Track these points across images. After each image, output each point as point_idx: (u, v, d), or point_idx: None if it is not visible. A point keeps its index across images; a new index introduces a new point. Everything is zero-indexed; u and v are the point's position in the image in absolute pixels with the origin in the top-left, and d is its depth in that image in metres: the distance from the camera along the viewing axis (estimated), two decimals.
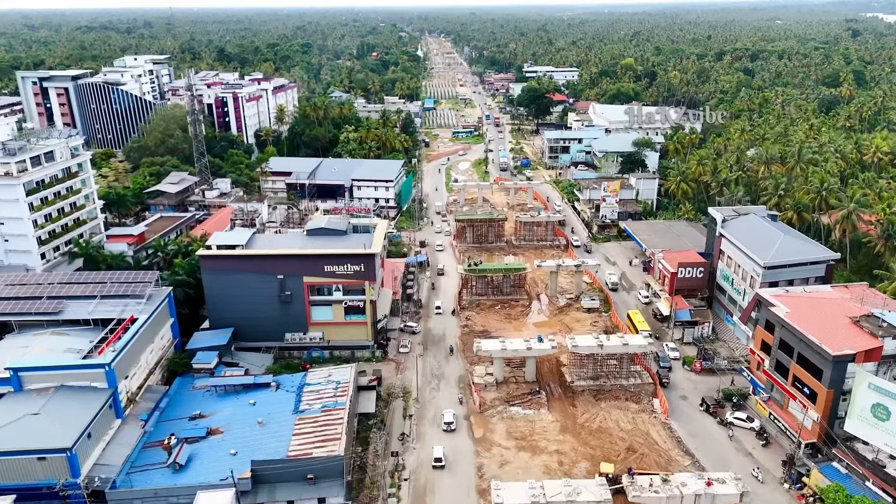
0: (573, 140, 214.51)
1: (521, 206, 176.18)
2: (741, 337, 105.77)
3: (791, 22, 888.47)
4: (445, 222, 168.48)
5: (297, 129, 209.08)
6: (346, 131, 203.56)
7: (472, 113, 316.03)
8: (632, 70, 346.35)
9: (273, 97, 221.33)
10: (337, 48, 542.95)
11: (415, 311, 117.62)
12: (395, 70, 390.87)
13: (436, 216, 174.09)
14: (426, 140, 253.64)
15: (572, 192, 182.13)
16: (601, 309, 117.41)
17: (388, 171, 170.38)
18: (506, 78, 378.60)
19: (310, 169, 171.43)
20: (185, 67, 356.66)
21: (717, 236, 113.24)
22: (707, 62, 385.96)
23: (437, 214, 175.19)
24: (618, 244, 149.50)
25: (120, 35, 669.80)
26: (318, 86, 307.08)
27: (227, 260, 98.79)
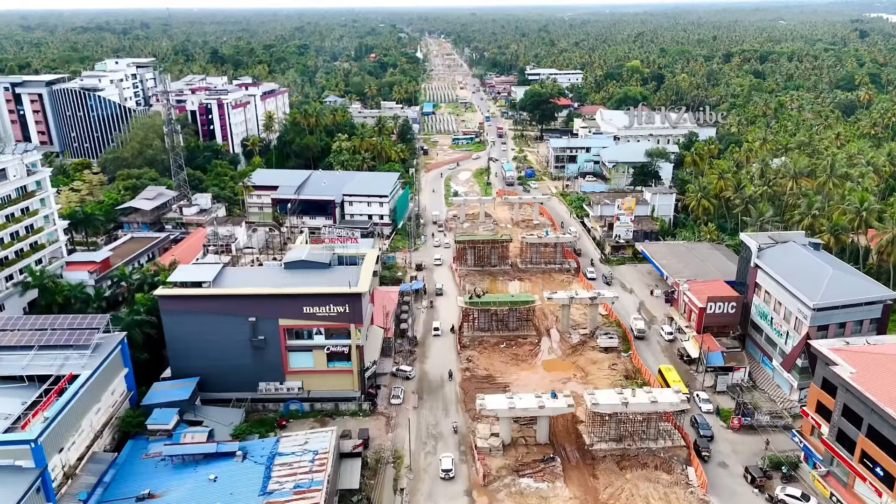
0: (580, 149, 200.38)
1: (527, 222, 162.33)
2: (783, 385, 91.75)
3: (795, 22, 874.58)
4: (442, 232, 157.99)
5: (286, 137, 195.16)
6: (339, 140, 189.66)
7: (473, 118, 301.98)
8: (638, 73, 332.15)
9: (262, 103, 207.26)
10: (335, 49, 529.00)
11: (409, 350, 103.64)
12: (394, 72, 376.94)
13: (433, 225, 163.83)
14: (425, 147, 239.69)
15: (581, 206, 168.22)
16: (620, 348, 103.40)
17: (383, 185, 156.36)
18: (507, 80, 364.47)
19: (297, 183, 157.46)
20: (176, 70, 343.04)
21: (752, 267, 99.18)
22: (715, 64, 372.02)
23: (435, 224, 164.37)
24: (633, 267, 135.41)
25: (115, 36, 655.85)
26: (312, 90, 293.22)
27: (191, 301, 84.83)
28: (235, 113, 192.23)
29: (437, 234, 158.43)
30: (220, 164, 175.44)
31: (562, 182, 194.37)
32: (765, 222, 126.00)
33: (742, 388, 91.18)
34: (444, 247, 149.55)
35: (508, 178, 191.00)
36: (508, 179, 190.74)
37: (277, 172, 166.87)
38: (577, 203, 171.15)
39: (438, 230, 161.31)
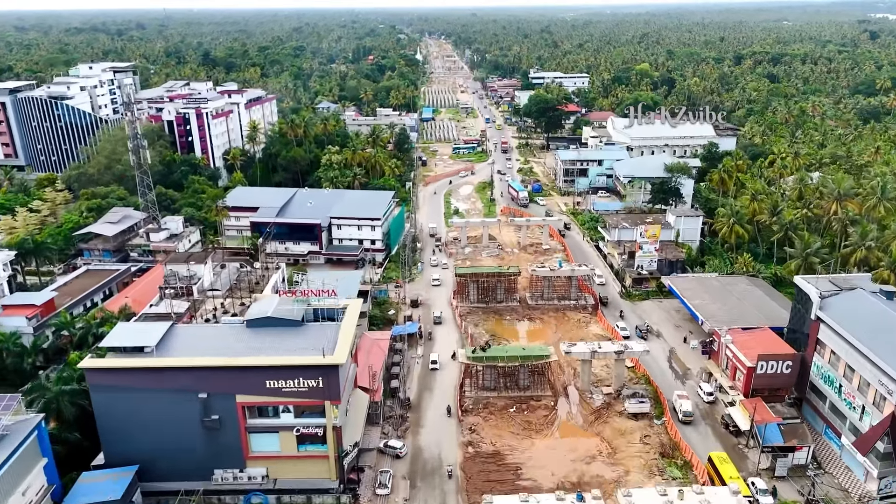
0: (592, 162, 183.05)
1: (535, 246, 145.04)
2: (855, 469, 74.52)
3: (799, 23, 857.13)
4: (439, 247, 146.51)
5: (271, 150, 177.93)
6: (329, 152, 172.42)
7: (475, 124, 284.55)
8: (648, 77, 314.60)
9: (246, 112, 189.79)
10: (332, 51, 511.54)
11: (400, 416, 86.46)
12: (392, 76, 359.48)
13: (430, 239, 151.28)
14: (423, 158, 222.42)
15: (595, 227, 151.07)
16: (651, 413, 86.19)
17: (376, 206, 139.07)
18: (510, 84, 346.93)
19: (280, 203, 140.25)
20: (163, 74, 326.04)
21: (813, 320, 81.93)
22: (726, 67, 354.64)
23: (432, 237, 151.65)
24: (658, 304, 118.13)
25: (108, 37, 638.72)
26: (305, 95, 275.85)
27: (127, 374, 67.71)
28: (216, 123, 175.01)
29: (436, 250, 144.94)
30: (197, 181, 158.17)
31: (572, 198, 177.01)
32: (810, 254, 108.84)
33: (811, 477, 73.72)
34: (441, 267, 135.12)
35: (521, 200, 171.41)
36: (521, 201, 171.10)
37: (258, 191, 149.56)
38: (590, 224, 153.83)
39: (436, 244, 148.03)
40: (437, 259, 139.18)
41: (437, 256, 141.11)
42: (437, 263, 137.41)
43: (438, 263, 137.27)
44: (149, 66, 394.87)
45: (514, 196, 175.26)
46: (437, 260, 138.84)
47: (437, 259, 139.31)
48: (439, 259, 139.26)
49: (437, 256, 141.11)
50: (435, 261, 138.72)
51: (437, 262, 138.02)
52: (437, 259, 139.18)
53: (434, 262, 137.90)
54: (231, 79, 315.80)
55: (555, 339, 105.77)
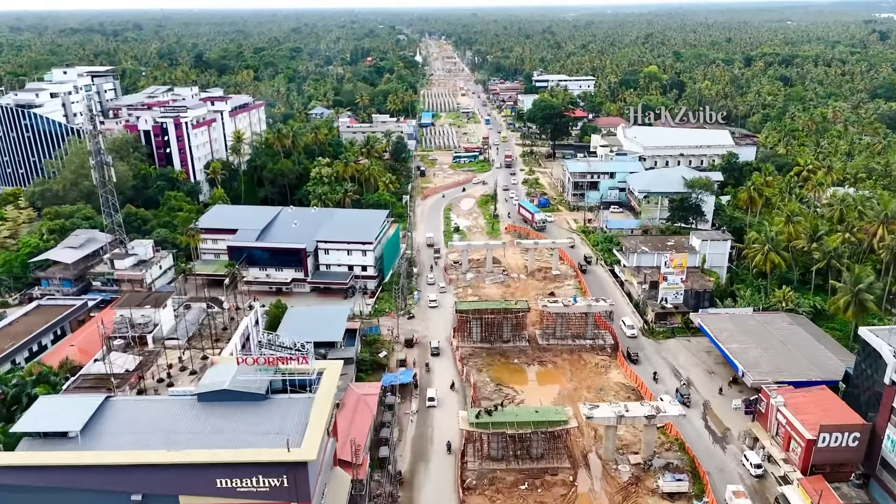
0: (603, 174, 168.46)
1: (544, 271, 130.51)
2: None
3: (803, 23, 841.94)
4: (437, 259, 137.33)
5: (257, 162, 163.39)
6: (319, 164, 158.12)
7: (476, 130, 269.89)
8: (657, 80, 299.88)
9: (231, 121, 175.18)
10: (330, 52, 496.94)
11: (390, 496, 71.99)
12: (390, 78, 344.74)
13: (427, 249, 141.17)
14: (422, 167, 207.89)
15: (608, 248, 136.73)
16: (690, 491, 71.72)
17: (368, 228, 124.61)
18: (513, 87, 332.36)
19: (261, 224, 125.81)
20: (151, 77, 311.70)
21: (887, 385, 67.46)
22: (737, 69, 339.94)
23: (430, 247, 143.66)
24: (685, 343, 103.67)
25: (104, 38, 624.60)
26: (298, 100, 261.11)
27: (41, 472, 53.30)
28: (197, 133, 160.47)
29: (434, 264, 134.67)
30: (174, 197, 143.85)
31: (582, 214, 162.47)
32: (862, 290, 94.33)
33: None
34: (440, 290, 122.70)
35: (537, 223, 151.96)
36: (537, 224, 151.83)
37: (237, 210, 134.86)
38: (603, 245, 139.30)
39: (435, 255, 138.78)
40: (434, 277, 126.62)
41: (435, 273, 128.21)
42: (433, 281, 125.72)
43: (436, 282, 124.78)
44: (140, 68, 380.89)
45: (527, 218, 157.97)
46: (435, 278, 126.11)
47: (435, 277, 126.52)
48: (437, 276, 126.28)
49: (435, 273, 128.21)
50: (432, 279, 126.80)
51: (433, 279, 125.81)
52: (434, 277, 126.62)
53: (431, 280, 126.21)
54: (223, 82, 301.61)
55: (569, 387, 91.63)
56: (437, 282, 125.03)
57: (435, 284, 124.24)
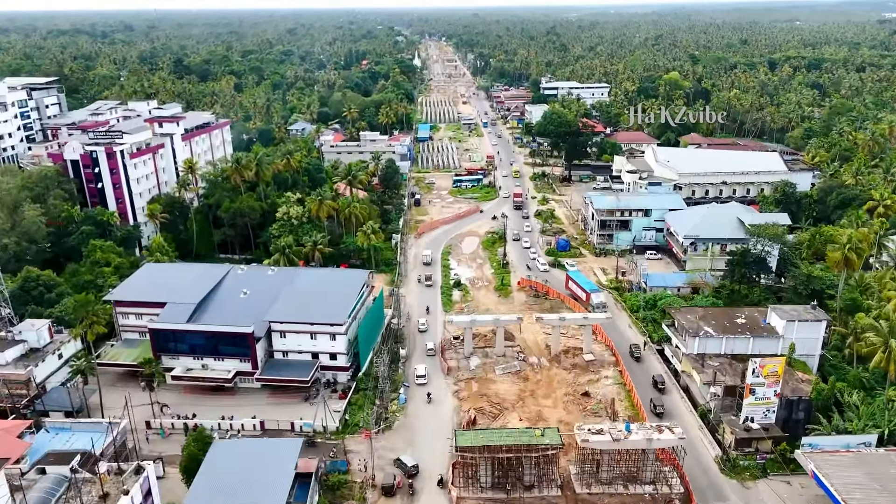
0: (637, 212, 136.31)
1: (573, 352, 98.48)
2: None
3: (813, 23, 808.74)
4: (430, 284, 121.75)
5: (211, 198, 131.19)
6: (287, 202, 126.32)
7: (479, 145, 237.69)
8: (678, 87, 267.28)
9: (185, 145, 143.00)
10: (324, 55, 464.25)
11: None
12: (385, 85, 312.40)
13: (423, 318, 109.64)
14: (417, 194, 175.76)
15: (651, 314, 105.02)
16: None
17: (339, 300, 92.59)
18: (519, 96, 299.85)
19: (199, 293, 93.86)
20: (129, 85, 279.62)
21: None
22: (763, 75, 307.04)
23: (425, 265, 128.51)
24: (783, 485, 71.77)
25: (90, 40, 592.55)
26: (278, 111, 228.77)
27: None
28: (137, 163, 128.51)
29: (423, 279, 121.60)
30: (100, 247, 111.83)
31: (612, 261, 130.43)
32: None
33: None
34: (427, 352, 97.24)
35: (597, 306, 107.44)
36: (598, 307, 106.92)
37: (172, 272, 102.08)
38: (645, 312, 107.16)
39: (427, 282, 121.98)
40: (426, 324, 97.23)
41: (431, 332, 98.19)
42: (425, 327, 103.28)
43: (428, 327, 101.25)
44: (118, 72, 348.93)
45: (577, 295, 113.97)
46: (426, 324, 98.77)
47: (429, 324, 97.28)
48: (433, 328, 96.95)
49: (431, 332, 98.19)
50: (424, 325, 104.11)
51: (426, 326, 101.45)
52: (426, 324, 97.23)
53: (423, 327, 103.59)
54: (199, 91, 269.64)
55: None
56: (428, 326, 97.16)
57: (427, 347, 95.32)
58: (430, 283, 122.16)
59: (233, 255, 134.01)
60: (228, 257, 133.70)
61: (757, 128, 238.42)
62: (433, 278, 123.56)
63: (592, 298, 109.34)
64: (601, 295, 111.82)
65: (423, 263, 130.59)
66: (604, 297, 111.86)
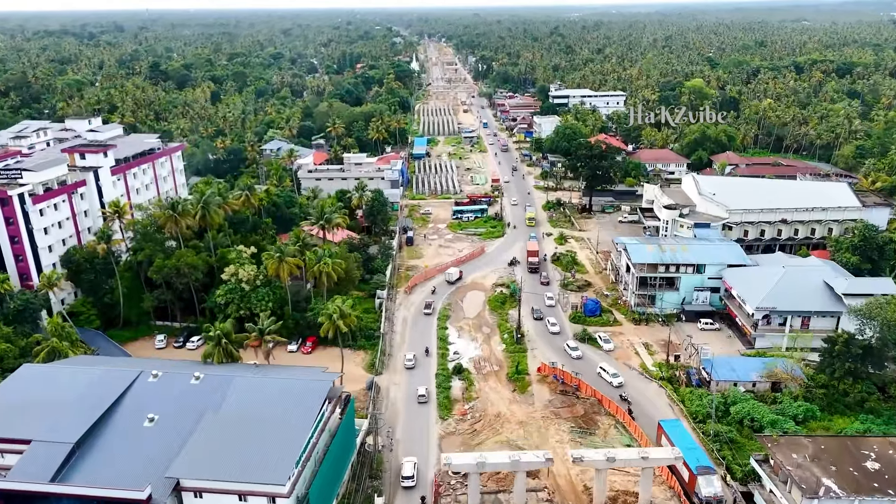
0: (685, 266, 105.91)
1: (625, 500, 67.99)
2: None
3: (821, 23, 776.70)
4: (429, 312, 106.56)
5: (139, 255, 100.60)
6: (238, 259, 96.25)
7: (482, 162, 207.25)
8: (703, 96, 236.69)
9: (116, 181, 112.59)
10: (317, 58, 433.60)
11: None
12: (379, 92, 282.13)
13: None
14: (410, 230, 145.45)
15: (732, 439, 74.96)
16: None
17: (284, 437, 62.14)
18: (526, 105, 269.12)
19: (85, 421, 63.63)
20: (101, 92, 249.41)
21: None
22: (791, 80, 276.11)
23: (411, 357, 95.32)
24: None
25: (77, 41, 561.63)
26: (252, 126, 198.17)
27: None
28: (46, 208, 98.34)
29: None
30: None
31: (653, 331, 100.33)
32: None
33: None
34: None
35: (708, 498, 64.66)
36: (708, 498, 64.66)
37: (56, 380, 71.80)
38: (718, 428, 76.77)
39: (426, 310, 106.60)
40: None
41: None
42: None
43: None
44: (94, 77, 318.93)
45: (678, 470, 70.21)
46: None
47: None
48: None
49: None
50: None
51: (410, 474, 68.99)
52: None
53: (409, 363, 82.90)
54: (169, 101, 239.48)
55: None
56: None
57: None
58: (430, 310, 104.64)
59: (172, 322, 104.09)
60: (167, 325, 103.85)
61: (797, 143, 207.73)
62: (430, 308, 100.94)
63: (700, 486, 65.06)
64: (715, 481, 65.48)
65: (405, 363, 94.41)
66: (719, 483, 65.67)
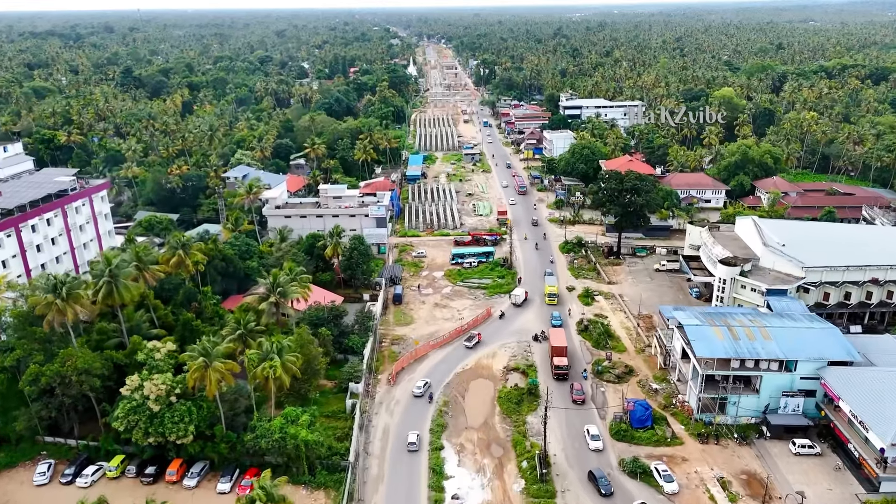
0: (768, 363, 76.53)
1: None
2: None
3: (826, 23, 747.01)
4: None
5: (10, 356, 71.25)
6: (149, 357, 67.17)
7: (486, 185, 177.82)
8: (735, 108, 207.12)
9: (4, 237, 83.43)
10: (309, 61, 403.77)
11: None
12: (371, 101, 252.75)
13: None
14: (397, 282, 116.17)
15: None
16: None
17: None
18: (533, 115, 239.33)
19: None
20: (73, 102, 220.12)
21: None
22: (824, 87, 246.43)
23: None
24: None
25: (61, 43, 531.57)
26: (218, 146, 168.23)
27: None
28: None
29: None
30: None
31: (727, 453, 71.33)
32: None
33: None
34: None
35: None
36: None
37: None
38: None
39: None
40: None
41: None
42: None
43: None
44: (59, 84, 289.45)
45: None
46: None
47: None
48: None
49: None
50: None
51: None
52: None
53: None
54: (134, 114, 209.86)
55: None
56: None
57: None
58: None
59: (68, 438, 74.91)
60: (61, 444, 74.71)
61: (850, 164, 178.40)
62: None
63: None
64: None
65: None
66: None
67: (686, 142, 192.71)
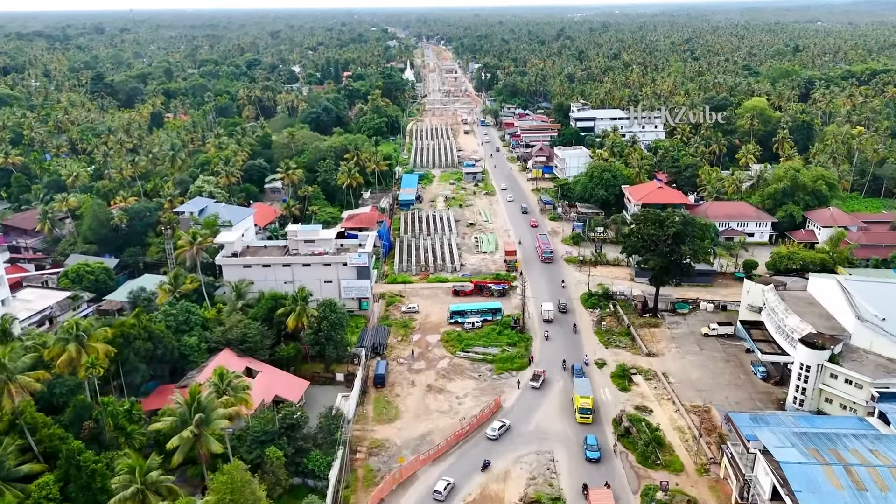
0: None
1: None
2: None
3: (834, 24, 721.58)
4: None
5: None
6: None
7: (491, 212, 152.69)
8: (768, 121, 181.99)
9: None
10: (300, 63, 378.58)
11: None
12: (363, 110, 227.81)
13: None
14: (381, 352, 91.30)
15: None
16: None
17: None
18: (542, 127, 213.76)
19: None
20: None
21: None
22: (860, 96, 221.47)
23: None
24: None
25: (47, 44, 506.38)
26: (175, 171, 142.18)
27: None
28: None
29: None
30: None
31: None
32: None
33: None
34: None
35: None
36: None
37: None
38: None
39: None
40: None
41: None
42: None
43: None
44: (28, 89, 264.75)
45: None
46: None
47: None
48: None
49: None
50: None
51: None
52: None
53: None
54: (93, 128, 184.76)
55: None
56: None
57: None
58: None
59: None
60: None
61: None
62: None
63: None
64: None
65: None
66: None
67: (717, 161, 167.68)
